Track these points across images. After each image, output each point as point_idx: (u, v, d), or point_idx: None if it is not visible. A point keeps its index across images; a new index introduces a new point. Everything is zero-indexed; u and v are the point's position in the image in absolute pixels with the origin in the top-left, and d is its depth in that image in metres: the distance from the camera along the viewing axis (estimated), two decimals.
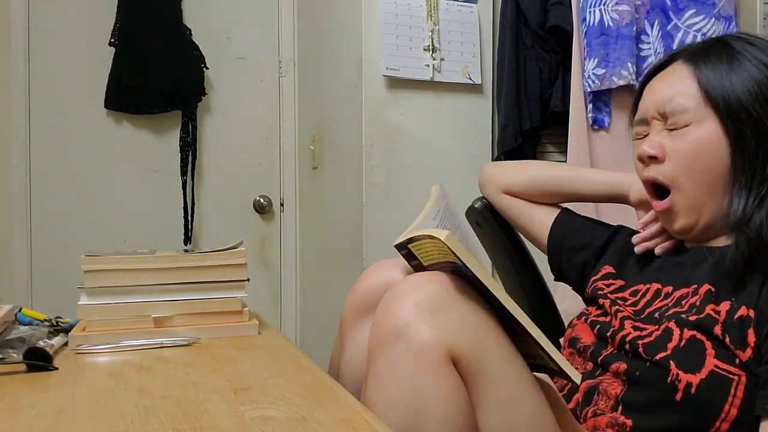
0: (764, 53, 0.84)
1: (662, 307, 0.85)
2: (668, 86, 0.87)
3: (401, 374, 0.72)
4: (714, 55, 0.85)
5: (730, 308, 0.77)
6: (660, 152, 0.86)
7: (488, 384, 0.75)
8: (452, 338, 0.73)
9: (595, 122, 2.11)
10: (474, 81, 2.30)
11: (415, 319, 0.72)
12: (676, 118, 0.85)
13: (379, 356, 0.74)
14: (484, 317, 0.77)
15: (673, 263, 0.91)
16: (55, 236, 1.94)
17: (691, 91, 0.84)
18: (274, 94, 2.17)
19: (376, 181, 2.23)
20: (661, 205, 0.88)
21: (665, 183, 0.86)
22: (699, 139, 0.83)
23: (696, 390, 0.74)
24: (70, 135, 1.96)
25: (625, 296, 0.92)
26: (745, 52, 0.84)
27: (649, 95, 0.90)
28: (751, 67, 0.83)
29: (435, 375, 0.71)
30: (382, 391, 0.73)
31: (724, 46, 0.86)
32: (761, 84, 0.82)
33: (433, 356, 0.71)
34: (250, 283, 1.06)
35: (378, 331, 0.75)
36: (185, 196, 2.05)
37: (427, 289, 0.75)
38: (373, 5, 2.21)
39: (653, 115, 0.87)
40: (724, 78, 0.83)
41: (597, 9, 2.06)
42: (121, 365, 0.87)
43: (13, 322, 1.02)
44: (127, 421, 0.65)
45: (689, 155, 0.84)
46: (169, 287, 1.01)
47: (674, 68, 0.88)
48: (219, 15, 2.10)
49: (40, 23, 1.92)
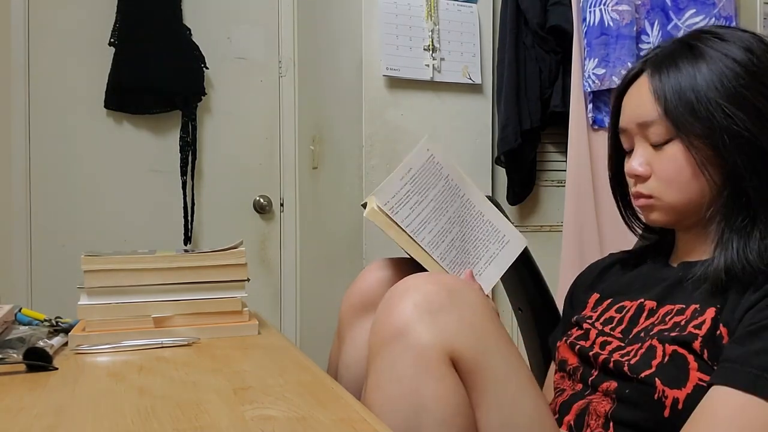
0: (733, 45, 0.82)
1: (648, 326, 0.84)
2: (638, 102, 0.86)
3: (401, 374, 0.72)
4: (680, 61, 0.83)
5: (711, 324, 0.77)
6: (645, 172, 0.86)
7: (488, 385, 0.75)
8: (452, 339, 0.73)
9: (595, 122, 2.11)
10: (474, 81, 2.30)
11: (414, 320, 0.73)
12: (652, 133, 0.85)
13: (379, 356, 0.74)
14: (484, 318, 0.77)
15: (658, 279, 0.90)
16: (55, 236, 1.94)
17: (655, 109, 0.83)
18: (274, 94, 2.17)
19: (376, 181, 2.22)
20: (642, 201, 0.88)
21: (650, 195, 0.87)
22: (676, 155, 0.83)
23: (683, 405, 0.74)
24: (70, 135, 1.96)
25: (611, 315, 0.92)
26: (712, 50, 0.82)
27: (626, 108, 0.90)
28: (718, 66, 0.81)
29: (434, 375, 0.71)
30: (382, 391, 0.73)
31: (690, 48, 0.84)
32: (729, 79, 0.80)
33: (432, 357, 0.72)
34: (250, 283, 1.06)
35: (378, 331, 0.75)
36: (185, 196, 2.05)
37: (427, 290, 0.75)
38: (373, 5, 2.21)
39: (634, 130, 0.87)
40: (683, 87, 0.81)
41: (597, 9, 2.06)
42: (121, 365, 0.87)
43: (13, 322, 1.02)
44: (127, 421, 0.65)
45: (671, 172, 0.83)
46: (169, 287, 1.01)
47: (642, 82, 0.87)
48: (219, 15, 2.10)
49: (40, 23, 1.92)
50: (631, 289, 0.92)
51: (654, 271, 0.92)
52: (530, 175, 2.33)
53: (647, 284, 0.91)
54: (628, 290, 0.93)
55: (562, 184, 2.29)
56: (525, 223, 2.38)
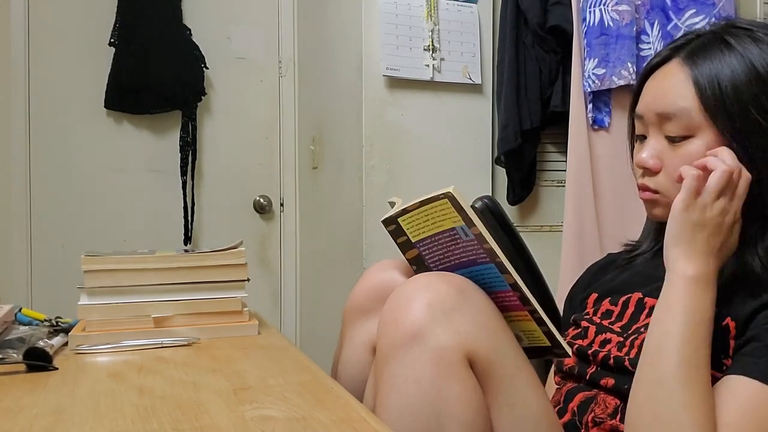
0: (763, 42, 0.80)
1: (649, 323, 0.84)
2: (665, 89, 0.83)
3: (420, 376, 0.70)
4: (712, 53, 0.81)
5: (715, 318, 0.77)
6: (655, 166, 0.84)
7: (502, 385, 0.75)
8: (468, 340, 0.72)
9: (595, 122, 2.11)
10: (474, 81, 2.30)
11: (430, 321, 0.71)
12: (671, 126, 0.82)
13: (393, 359, 0.73)
14: (494, 317, 0.77)
15: (658, 276, 0.90)
16: (55, 236, 1.94)
17: (687, 96, 0.80)
18: (274, 94, 2.17)
19: (376, 181, 2.23)
20: (647, 195, 0.87)
21: (657, 190, 0.85)
22: (693, 154, 0.80)
23: None
24: (70, 135, 1.96)
25: (610, 308, 0.91)
26: (744, 45, 0.80)
27: (647, 94, 0.87)
28: (748, 61, 0.78)
29: (455, 377, 0.71)
30: (399, 393, 0.71)
31: (722, 42, 0.81)
32: (760, 78, 0.78)
33: (452, 358, 0.71)
34: (250, 283, 1.06)
35: (390, 334, 0.74)
36: (185, 196, 2.04)
37: (439, 289, 0.74)
38: (373, 5, 2.21)
39: (651, 119, 0.85)
40: (721, 79, 0.78)
41: (597, 9, 2.06)
42: (121, 365, 0.87)
43: (13, 322, 1.02)
44: (127, 421, 0.65)
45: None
46: (169, 287, 1.01)
47: (672, 68, 0.84)
48: (219, 15, 2.10)
49: (40, 23, 1.92)
50: (630, 286, 0.92)
51: (653, 268, 0.92)
52: (530, 175, 2.33)
53: (647, 281, 0.90)
54: (628, 287, 0.92)
55: (562, 184, 2.29)
56: (525, 223, 2.38)
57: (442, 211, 0.76)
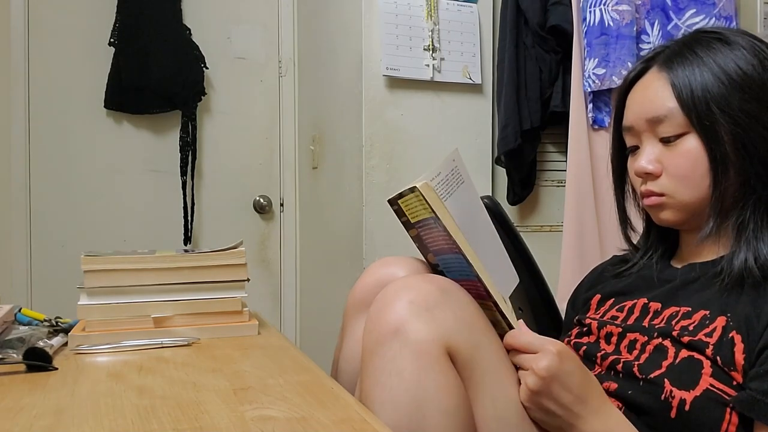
0: (738, 49, 0.82)
1: (654, 325, 0.84)
2: (650, 96, 0.86)
3: (401, 369, 0.72)
4: (683, 58, 0.84)
5: (721, 332, 0.76)
6: (656, 169, 0.85)
7: (483, 379, 0.76)
8: (449, 334, 0.73)
9: (596, 122, 2.11)
10: (474, 81, 2.30)
11: (410, 317, 0.73)
12: (664, 128, 0.84)
13: (375, 354, 0.74)
14: (476, 314, 0.78)
15: (662, 280, 0.90)
16: (55, 236, 1.94)
17: (670, 101, 0.83)
18: (274, 94, 2.17)
19: (376, 181, 2.23)
20: (653, 200, 0.87)
21: (662, 192, 0.86)
22: (690, 150, 0.82)
23: (690, 407, 0.73)
24: (70, 135, 1.96)
25: (615, 314, 0.91)
26: (712, 49, 0.83)
27: (633, 105, 0.89)
28: (722, 64, 0.81)
29: (435, 369, 0.72)
30: (382, 387, 0.72)
31: (689, 49, 0.85)
32: (744, 70, 0.80)
33: (432, 351, 0.72)
34: (250, 283, 1.06)
35: (373, 330, 0.75)
36: (185, 196, 2.04)
37: (421, 288, 0.76)
38: (373, 5, 2.21)
39: (642, 127, 0.86)
40: (697, 81, 0.81)
41: (597, 9, 2.06)
42: (121, 365, 0.87)
43: (13, 322, 1.02)
44: (127, 421, 0.65)
45: (685, 167, 0.83)
46: (169, 287, 1.01)
47: (651, 77, 0.87)
48: (219, 15, 2.10)
49: (40, 23, 1.92)
50: (634, 290, 0.92)
51: (657, 272, 0.92)
52: (530, 175, 2.33)
53: (651, 285, 0.90)
54: (631, 291, 0.93)
55: (562, 184, 2.29)
56: (525, 223, 2.38)
57: (419, 201, 0.79)
